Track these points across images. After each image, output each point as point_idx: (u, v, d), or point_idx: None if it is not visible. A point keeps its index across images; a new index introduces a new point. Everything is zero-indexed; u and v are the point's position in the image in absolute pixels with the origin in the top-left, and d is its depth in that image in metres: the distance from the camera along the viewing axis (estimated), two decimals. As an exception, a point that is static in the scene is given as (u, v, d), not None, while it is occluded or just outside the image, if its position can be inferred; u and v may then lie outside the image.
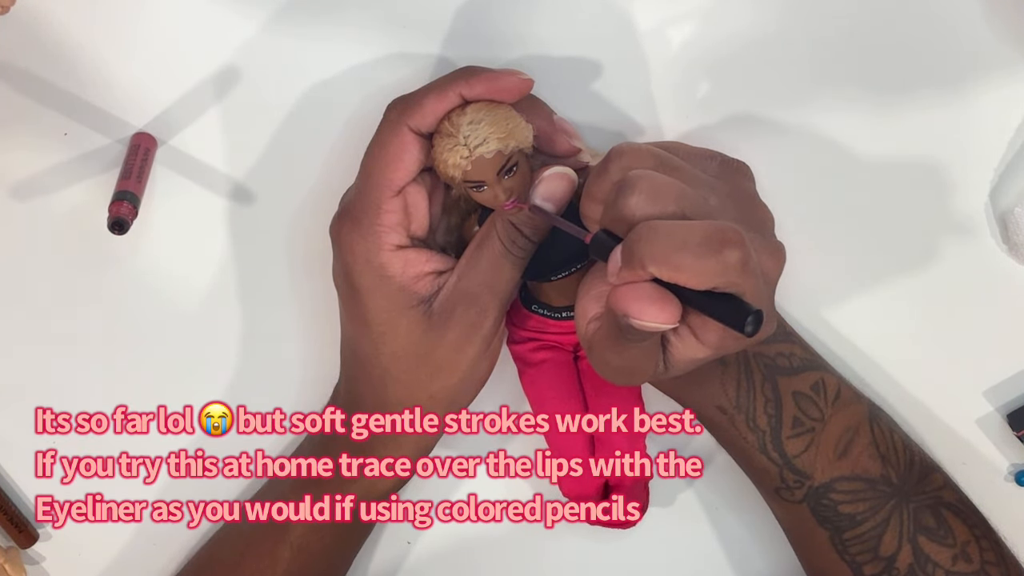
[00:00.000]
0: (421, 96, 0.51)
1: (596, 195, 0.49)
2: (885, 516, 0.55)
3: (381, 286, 0.52)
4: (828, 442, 0.55)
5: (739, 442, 0.56)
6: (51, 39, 0.56)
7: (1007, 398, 0.61)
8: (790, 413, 0.55)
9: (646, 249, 0.44)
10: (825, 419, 0.55)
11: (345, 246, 0.53)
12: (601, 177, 0.48)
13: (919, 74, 0.57)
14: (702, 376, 0.54)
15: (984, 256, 0.59)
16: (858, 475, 0.55)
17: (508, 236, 0.52)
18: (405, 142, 0.51)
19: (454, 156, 0.50)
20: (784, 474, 0.55)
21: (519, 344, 0.58)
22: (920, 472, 0.57)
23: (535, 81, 0.52)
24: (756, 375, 0.55)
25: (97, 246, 0.58)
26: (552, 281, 0.55)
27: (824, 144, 0.58)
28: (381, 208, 0.52)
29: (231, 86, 0.57)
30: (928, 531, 0.55)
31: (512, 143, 0.50)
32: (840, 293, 0.60)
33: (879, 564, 0.55)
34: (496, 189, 0.50)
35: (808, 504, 0.56)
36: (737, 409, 0.55)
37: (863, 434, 0.56)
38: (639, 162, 0.48)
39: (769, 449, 0.55)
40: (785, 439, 0.55)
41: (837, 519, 0.55)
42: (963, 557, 0.55)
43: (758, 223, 0.51)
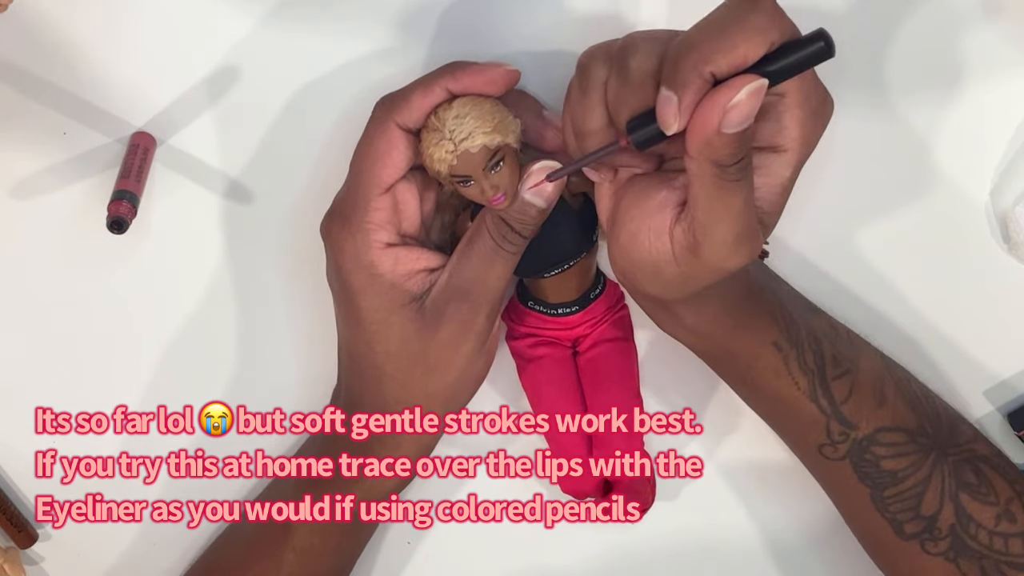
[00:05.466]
0: (407, 92, 0.51)
1: (591, 126, 0.48)
2: (927, 473, 0.54)
3: (372, 284, 0.52)
4: (866, 387, 0.55)
5: (790, 391, 0.54)
6: (50, 38, 0.56)
7: (1007, 398, 0.61)
8: (828, 351, 0.54)
9: (693, 55, 0.42)
10: (855, 360, 0.55)
11: (335, 245, 0.53)
12: (588, 96, 0.48)
13: (919, 74, 0.57)
14: (755, 313, 0.53)
15: (984, 256, 0.59)
16: (898, 425, 0.55)
17: (498, 232, 0.52)
18: (392, 139, 0.51)
19: (439, 150, 0.50)
20: (831, 425, 0.54)
21: (517, 340, 0.58)
22: (948, 423, 0.56)
23: (524, 75, 0.51)
24: (791, 308, 0.55)
25: (96, 245, 0.58)
26: (547, 277, 0.55)
27: (824, 144, 0.58)
28: (370, 206, 0.52)
29: (231, 85, 0.57)
30: (970, 488, 0.55)
31: (498, 137, 0.50)
32: (840, 293, 0.60)
33: (920, 523, 0.55)
34: (483, 184, 0.50)
35: (850, 460, 0.55)
36: (790, 344, 0.54)
37: (889, 381, 0.55)
38: (607, 49, 0.47)
39: (819, 395, 0.54)
40: (831, 380, 0.54)
41: (878, 475, 0.55)
42: (1006, 516, 0.55)
43: None
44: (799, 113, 0.46)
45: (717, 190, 0.45)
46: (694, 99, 0.43)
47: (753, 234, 0.47)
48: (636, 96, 0.46)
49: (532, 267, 0.54)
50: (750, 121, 0.43)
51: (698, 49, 0.42)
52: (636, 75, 0.45)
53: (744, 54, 0.42)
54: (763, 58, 0.42)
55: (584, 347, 0.57)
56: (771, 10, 0.42)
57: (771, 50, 0.42)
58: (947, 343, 0.60)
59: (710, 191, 0.45)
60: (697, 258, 0.47)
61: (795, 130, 0.46)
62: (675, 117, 0.43)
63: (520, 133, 0.51)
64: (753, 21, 0.42)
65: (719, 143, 0.43)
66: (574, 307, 0.56)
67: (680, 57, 0.43)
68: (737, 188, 0.45)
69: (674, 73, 0.43)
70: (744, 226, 0.46)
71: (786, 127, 0.46)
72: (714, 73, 0.42)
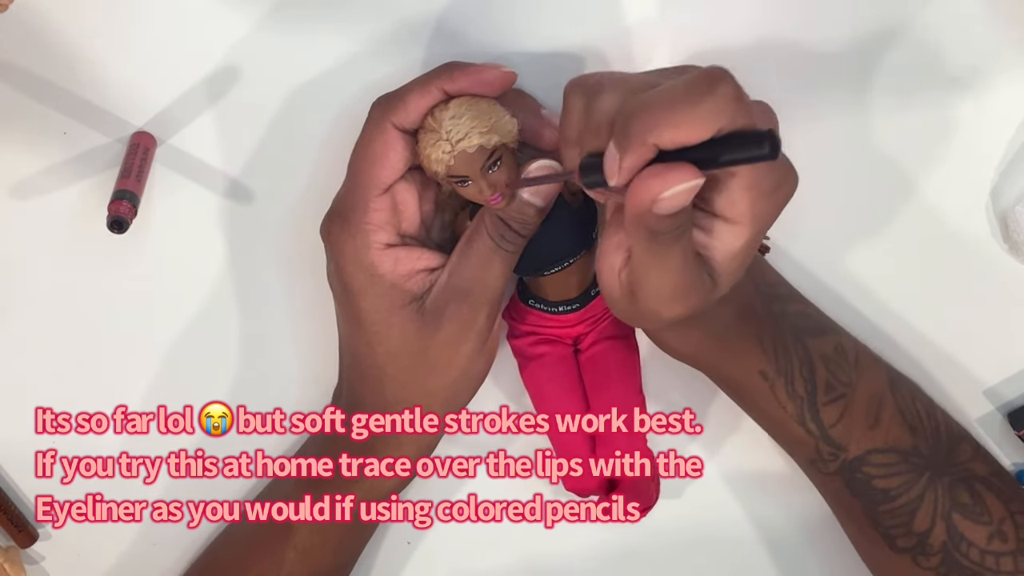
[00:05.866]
0: (404, 93, 0.51)
1: (571, 136, 0.47)
2: (919, 492, 0.55)
3: (372, 285, 0.52)
4: (859, 410, 0.55)
5: (778, 413, 0.55)
6: (50, 38, 0.56)
7: (1007, 398, 0.61)
8: (822, 377, 0.55)
9: (640, 122, 0.42)
10: (853, 384, 0.55)
11: (335, 246, 0.53)
12: (568, 115, 0.47)
13: (920, 74, 0.57)
14: (742, 337, 0.54)
15: (984, 256, 0.59)
16: (891, 446, 0.55)
17: (497, 231, 0.52)
18: (390, 139, 0.51)
19: (436, 151, 0.50)
20: (819, 446, 0.55)
21: (518, 339, 0.58)
22: (948, 442, 0.56)
23: (523, 75, 0.51)
24: (788, 336, 0.55)
25: (96, 245, 0.58)
26: (546, 276, 0.55)
27: (824, 144, 0.58)
28: (368, 207, 0.52)
29: (231, 85, 0.57)
30: (963, 508, 0.55)
31: (495, 137, 0.50)
32: (840, 293, 0.60)
33: (912, 539, 0.55)
34: (480, 183, 0.50)
35: (842, 476, 0.56)
36: (778, 373, 0.54)
37: (888, 402, 0.56)
38: (585, 82, 0.47)
39: (807, 419, 0.55)
40: (821, 406, 0.55)
41: (871, 492, 0.55)
42: (999, 536, 0.55)
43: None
44: (749, 194, 0.45)
45: (651, 250, 0.44)
46: (635, 164, 0.42)
47: (692, 289, 0.46)
48: (594, 138, 0.45)
49: (532, 265, 0.54)
50: (683, 206, 0.42)
51: (646, 118, 0.41)
52: (596, 118, 0.45)
53: (688, 135, 0.41)
54: (710, 139, 0.41)
55: (585, 345, 0.57)
56: (726, 97, 0.41)
57: (718, 135, 0.41)
58: (947, 343, 0.60)
59: (644, 248, 0.44)
60: (635, 305, 0.47)
61: (745, 207, 0.45)
62: (616, 174, 0.43)
63: (517, 132, 0.51)
64: (705, 106, 0.41)
65: (651, 219, 0.42)
66: (575, 305, 0.56)
67: (629, 119, 0.42)
68: (671, 250, 0.44)
69: (622, 133, 0.42)
70: (680, 282, 0.45)
71: (736, 203, 0.45)
72: (657, 144, 0.42)
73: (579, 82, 0.47)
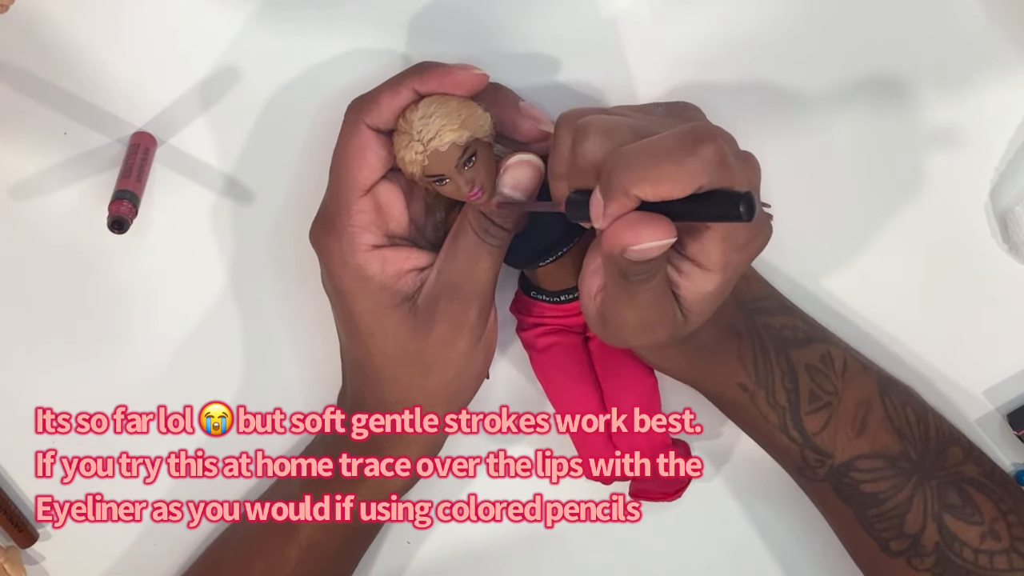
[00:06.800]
0: (376, 94, 0.51)
1: (558, 171, 0.49)
2: (908, 495, 0.55)
3: (363, 288, 0.52)
4: (845, 418, 0.55)
5: (760, 423, 0.56)
6: (50, 38, 0.56)
7: (1007, 398, 0.61)
8: (806, 387, 0.55)
9: (624, 174, 0.43)
10: (839, 392, 0.55)
11: (323, 251, 0.53)
12: (557, 150, 0.49)
13: (919, 74, 0.57)
14: (720, 354, 0.54)
15: (984, 256, 0.59)
16: (877, 452, 0.55)
17: (481, 226, 0.52)
18: (364, 140, 0.51)
19: (409, 152, 0.50)
20: (805, 453, 0.55)
21: (526, 331, 0.58)
22: (938, 446, 0.57)
23: (511, 75, 0.51)
24: (770, 349, 0.55)
25: (97, 245, 0.58)
26: (542, 267, 0.55)
27: (823, 144, 0.58)
28: (351, 209, 0.52)
29: (231, 85, 0.57)
30: (953, 509, 0.55)
31: (466, 133, 0.50)
32: (839, 293, 0.60)
33: (905, 541, 0.55)
34: (458, 181, 0.50)
35: (830, 483, 0.56)
36: (758, 385, 0.55)
37: (876, 408, 0.56)
38: (574, 119, 0.48)
39: (790, 428, 0.55)
40: (804, 416, 0.55)
41: (860, 497, 0.56)
42: (992, 535, 0.55)
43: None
44: (722, 245, 0.46)
45: (622, 285, 0.46)
46: (617, 212, 0.44)
47: (660, 324, 0.48)
48: (579, 177, 0.47)
49: (525, 258, 0.54)
50: (656, 254, 0.44)
51: (630, 171, 0.43)
52: (582, 160, 0.46)
53: (669, 191, 0.43)
54: (690, 195, 0.43)
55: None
56: (708, 160, 0.43)
57: (699, 192, 0.43)
58: (947, 343, 0.60)
59: (616, 283, 0.47)
60: (605, 329, 0.49)
61: (717, 257, 0.47)
62: (600, 219, 0.45)
63: (491, 127, 0.51)
64: (687, 166, 0.43)
65: (623, 263, 0.45)
66: (576, 293, 0.56)
67: (614, 170, 0.44)
68: (641, 288, 0.46)
69: (607, 183, 0.44)
70: (648, 317, 0.48)
71: (708, 252, 0.47)
72: (639, 197, 0.43)
73: (568, 120, 0.48)
